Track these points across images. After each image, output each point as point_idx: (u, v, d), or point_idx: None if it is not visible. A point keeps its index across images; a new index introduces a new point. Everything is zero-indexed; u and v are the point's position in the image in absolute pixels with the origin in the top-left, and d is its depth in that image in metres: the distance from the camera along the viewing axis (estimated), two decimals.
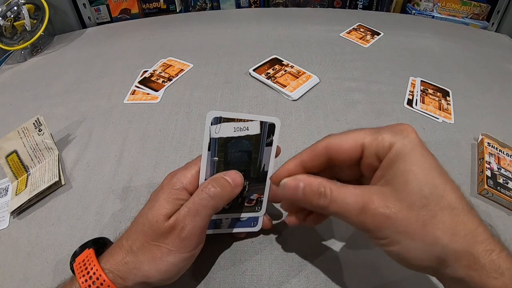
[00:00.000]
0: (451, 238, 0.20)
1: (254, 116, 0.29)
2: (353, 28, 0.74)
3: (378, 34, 0.72)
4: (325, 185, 0.24)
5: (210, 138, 0.29)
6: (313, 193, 0.24)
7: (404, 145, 0.22)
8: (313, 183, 0.24)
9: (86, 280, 0.25)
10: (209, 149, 0.29)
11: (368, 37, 0.71)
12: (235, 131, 0.29)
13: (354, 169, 0.26)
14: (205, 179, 0.29)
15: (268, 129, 0.30)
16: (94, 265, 0.26)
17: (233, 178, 0.29)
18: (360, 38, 0.70)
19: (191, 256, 0.28)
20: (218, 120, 0.28)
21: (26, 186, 0.42)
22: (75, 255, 0.30)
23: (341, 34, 0.71)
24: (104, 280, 0.25)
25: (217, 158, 0.30)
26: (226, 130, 0.29)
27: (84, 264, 0.26)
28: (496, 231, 0.22)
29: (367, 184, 0.25)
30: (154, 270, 0.26)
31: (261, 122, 0.30)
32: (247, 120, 0.29)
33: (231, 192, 0.29)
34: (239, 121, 0.29)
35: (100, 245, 0.31)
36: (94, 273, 0.25)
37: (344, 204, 0.23)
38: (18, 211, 0.40)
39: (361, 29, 0.73)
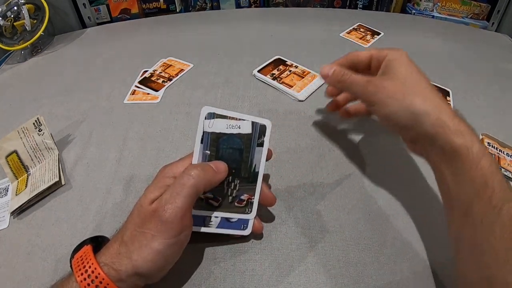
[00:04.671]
0: (423, 102, 0.31)
1: (247, 116, 0.31)
2: (353, 28, 0.74)
3: (378, 34, 0.72)
4: (346, 70, 0.37)
5: (203, 132, 0.30)
6: (340, 72, 0.37)
7: (396, 54, 0.35)
8: (340, 68, 0.37)
9: (82, 274, 0.26)
10: (201, 142, 0.31)
11: (368, 37, 0.71)
12: (227, 127, 0.31)
13: (367, 72, 0.38)
14: None
15: (260, 130, 0.32)
16: (90, 259, 0.27)
17: (217, 164, 0.31)
18: (360, 38, 0.70)
19: (176, 243, 0.28)
20: (211, 116, 0.30)
21: (26, 186, 0.42)
22: (75, 252, 0.31)
23: (341, 34, 0.71)
24: (99, 273, 0.26)
25: (209, 152, 0.31)
26: (219, 126, 0.31)
27: (82, 260, 0.27)
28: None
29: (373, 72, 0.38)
30: (141, 259, 0.27)
31: (253, 123, 0.31)
32: (239, 119, 0.31)
33: (213, 175, 0.30)
34: (232, 119, 0.31)
35: (98, 243, 0.31)
36: (89, 267, 0.26)
37: (357, 79, 0.36)
38: (18, 211, 0.40)
39: (361, 29, 0.73)
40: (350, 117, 0.45)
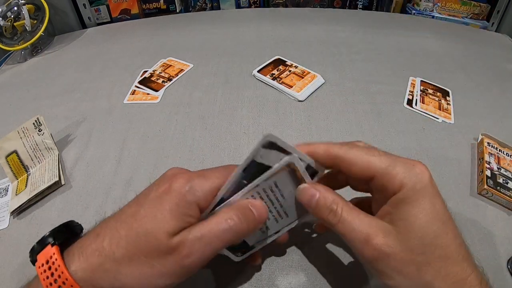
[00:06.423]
0: (440, 284, 0.22)
1: (306, 157, 0.26)
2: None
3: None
4: (338, 203, 0.25)
5: (252, 160, 0.25)
6: (325, 207, 0.25)
7: (415, 189, 0.23)
8: (328, 197, 0.25)
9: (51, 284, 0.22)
10: (244, 171, 0.25)
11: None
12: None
13: (364, 184, 0.26)
14: (223, 198, 0.26)
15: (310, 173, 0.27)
16: (62, 272, 0.22)
17: (260, 211, 0.26)
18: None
19: (183, 280, 0.24)
20: (271, 146, 0.25)
21: (26, 186, 0.42)
22: (34, 251, 0.25)
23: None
24: None
25: (246, 182, 0.26)
26: (272, 159, 0.25)
27: (50, 268, 0.22)
28: (486, 276, 0.24)
29: (375, 198, 0.26)
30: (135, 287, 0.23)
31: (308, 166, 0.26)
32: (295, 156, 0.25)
33: (254, 225, 0.25)
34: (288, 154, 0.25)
35: (64, 237, 0.25)
36: (63, 283, 0.22)
37: (350, 228, 0.24)
38: (18, 211, 0.40)
39: None
40: None
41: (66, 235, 0.25)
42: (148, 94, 0.56)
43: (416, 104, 0.53)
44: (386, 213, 0.24)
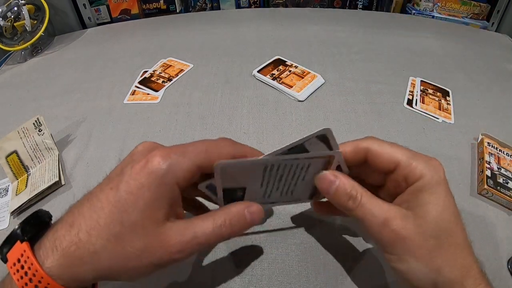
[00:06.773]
0: (450, 269, 0.23)
1: (341, 156, 0.27)
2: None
3: None
4: (358, 189, 0.26)
5: (302, 144, 0.25)
6: (345, 193, 0.26)
7: (433, 180, 0.25)
8: (347, 184, 0.26)
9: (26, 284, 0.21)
10: (289, 150, 0.25)
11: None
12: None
13: (380, 177, 0.28)
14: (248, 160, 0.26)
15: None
16: (37, 271, 0.20)
17: (253, 217, 0.25)
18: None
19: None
20: (322, 138, 0.25)
21: (26, 186, 0.42)
22: (3, 249, 0.23)
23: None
24: None
25: (275, 159, 0.26)
26: (317, 148, 0.26)
27: (22, 267, 0.21)
28: (484, 268, 0.25)
29: (385, 192, 0.28)
30: (124, 277, 0.22)
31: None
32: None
33: (244, 230, 0.25)
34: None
35: (34, 230, 0.23)
36: (39, 281, 0.20)
37: (370, 212, 0.25)
38: (18, 211, 0.40)
39: None
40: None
41: (35, 227, 0.23)
42: (148, 94, 0.56)
43: (416, 104, 0.53)
44: (403, 201, 0.26)
